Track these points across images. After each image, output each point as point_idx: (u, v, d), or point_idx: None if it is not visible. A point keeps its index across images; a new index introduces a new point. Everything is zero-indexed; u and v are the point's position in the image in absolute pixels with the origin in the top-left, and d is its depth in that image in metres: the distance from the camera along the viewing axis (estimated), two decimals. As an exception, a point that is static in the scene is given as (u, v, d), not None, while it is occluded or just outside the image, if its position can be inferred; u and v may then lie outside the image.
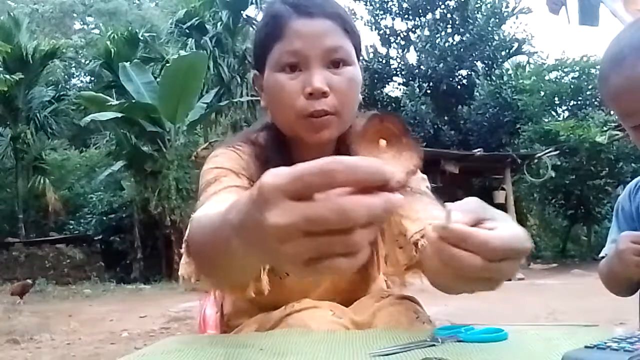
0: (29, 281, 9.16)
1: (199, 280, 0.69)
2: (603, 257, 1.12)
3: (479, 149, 12.29)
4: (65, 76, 20.25)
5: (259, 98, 0.96)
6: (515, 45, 16.31)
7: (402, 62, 17.08)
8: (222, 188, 0.81)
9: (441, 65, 15.68)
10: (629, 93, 0.84)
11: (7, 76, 12.79)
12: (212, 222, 0.58)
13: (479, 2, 15.92)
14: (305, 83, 0.84)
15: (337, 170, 0.38)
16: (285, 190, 0.38)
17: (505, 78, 14.83)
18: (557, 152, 12.29)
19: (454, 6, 16.19)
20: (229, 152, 0.91)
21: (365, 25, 17.18)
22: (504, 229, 0.49)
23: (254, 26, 13.36)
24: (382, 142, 0.49)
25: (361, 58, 0.93)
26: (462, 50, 15.75)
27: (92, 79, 19.80)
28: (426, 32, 16.52)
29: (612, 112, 0.96)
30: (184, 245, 0.71)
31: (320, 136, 0.85)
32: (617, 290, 1.10)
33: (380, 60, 16.94)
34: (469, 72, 16.12)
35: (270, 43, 0.86)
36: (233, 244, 0.47)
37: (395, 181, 0.38)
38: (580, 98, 13.79)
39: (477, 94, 15.01)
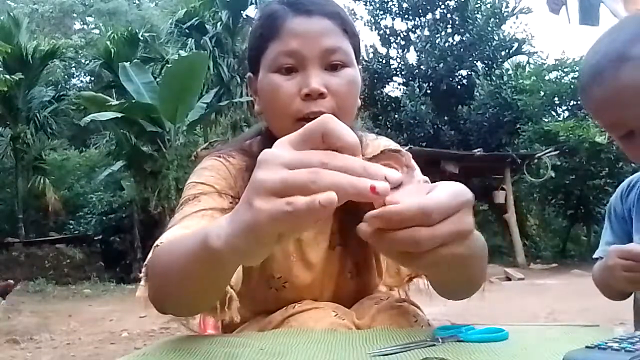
0: (11, 281, 9.01)
1: (155, 304, 0.69)
2: (597, 259, 1.12)
3: (478, 149, 12.28)
4: (65, 76, 20.20)
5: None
6: (515, 45, 16.29)
7: (402, 62, 17.07)
8: (196, 211, 0.78)
9: (441, 65, 15.68)
10: (612, 105, 0.83)
11: (7, 76, 12.74)
12: (182, 242, 0.60)
13: (479, 2, 15.91)
14: (301, 84, 0.80)
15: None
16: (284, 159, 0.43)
17: (505, 78, 14.81)
18: (557, 152, 12.27)
19: (454, 6, 16.18)
20: (217, 165, 0.87)
21: (365, 25, 17.19)
22: (436, 190, 0.48)
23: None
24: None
25: (360, 59, 0.89)
26: (462, 50, 15.75)
27: (92, 79, 19.77)
28: (426, 32, 16.52)
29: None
30: (143, 270, 0.70)
31: None
32: (610, 296, 1.11)
33: (380, 60, 16.92)
34: (469, 72, 16.11)
35: (265, 43, 0.83)
36: (214, 245, 0.49)
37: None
38: (580, 98, 13.75)
39: (477, 94, 15.00)
